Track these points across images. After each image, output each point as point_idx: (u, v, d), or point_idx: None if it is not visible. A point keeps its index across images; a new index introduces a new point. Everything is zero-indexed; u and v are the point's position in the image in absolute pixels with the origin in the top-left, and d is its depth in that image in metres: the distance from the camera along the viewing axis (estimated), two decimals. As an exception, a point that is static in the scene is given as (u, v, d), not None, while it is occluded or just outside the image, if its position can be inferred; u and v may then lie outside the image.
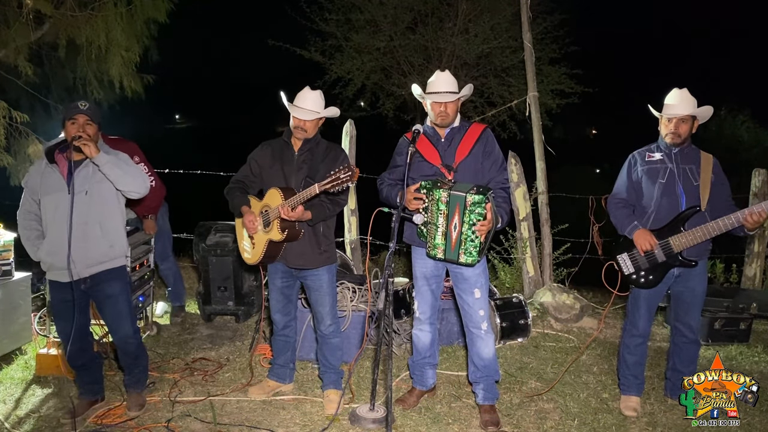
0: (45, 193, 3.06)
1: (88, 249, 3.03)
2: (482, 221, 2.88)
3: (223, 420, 3.25)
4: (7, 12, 5.60)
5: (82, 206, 3.01)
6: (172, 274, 4.93)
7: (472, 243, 2.92)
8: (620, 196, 3.42)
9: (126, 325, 3.23)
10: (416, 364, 3.48)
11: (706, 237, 3.14)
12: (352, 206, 5.54)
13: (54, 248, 3.04)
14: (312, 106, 3.23)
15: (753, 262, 5.82)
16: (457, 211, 2.92)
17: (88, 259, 3.05)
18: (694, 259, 3.21)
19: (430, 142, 3.21)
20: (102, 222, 3.09)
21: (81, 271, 3.05)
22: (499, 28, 9.54)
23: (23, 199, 3.15)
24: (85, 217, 3.01)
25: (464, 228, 2.91)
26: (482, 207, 2.87)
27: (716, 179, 3.24)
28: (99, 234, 3.07)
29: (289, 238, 3.19)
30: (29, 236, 3.14)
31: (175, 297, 5.01)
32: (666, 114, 3.24)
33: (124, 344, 3.27)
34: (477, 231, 2.89)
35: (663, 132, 3.28)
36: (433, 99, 3.14)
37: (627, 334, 3.47)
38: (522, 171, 5.61)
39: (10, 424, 3.19)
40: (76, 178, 3.02)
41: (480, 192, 2.87)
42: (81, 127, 2.98)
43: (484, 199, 2.86)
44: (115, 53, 6.16)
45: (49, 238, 3.07)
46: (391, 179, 3.33)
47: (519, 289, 5.73)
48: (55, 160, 3.09)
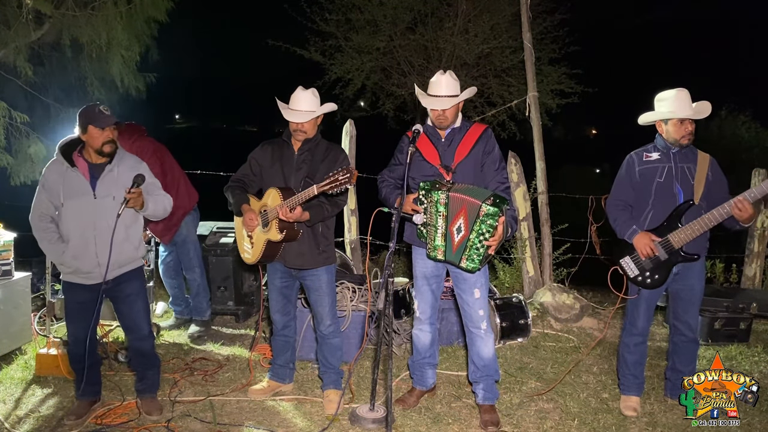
0: (68, 197, 3.02)
1: (114, 252, 3.03)
2: (492, 236, 2.85)
3: (223, 420, 3.25)
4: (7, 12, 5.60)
5: (109, 210, 3.02)
6: (196, 286, 4.64)
7: (477, 252, 2.90)
8: (619, 198, 3.42)
9: (143, 324, 3.26)
10: (416, 364, 3.48)
11: (703, 229, 3.15)
12: (352, 206, 5.54)
13: (79, 252, 3.04)
14: (307, 106, 3.22)
15: (753, 262, 5.81)
16: (464, 215, 2.90)
17: (114, 262, 3.06)
18: (695, 254, 3.21)
19: (431, 141, 3.20)
20: (128, 225, 3.13)
21: (107, 274, 3.06)
22: (499, 28, 9.54)
23: (37, 201, 3.07)
24: (112, 221, 3.00)
25: (472, 235, 2.88)
26: (495, 219, 2.82)
27: (714, 177, 3.25)
28: (124, 237, 3.10)
29: (288, 239, 3.19)
30: (50, 239, 3.08)
31: (195, 310, 4.68)
32: (681, 115, 3.20)
33: (140, 344, 3.28)
34: (486, 243, 2.87)
35: (675, 134, 3.22)
36: (430, 105, 3.12)
37: (626, 333, 3.48)
38: (522, 171, 5.61)
39: (10, 424, 3.19)
40: (100, 183, 3.04)
41: (496, 204, 2.81)
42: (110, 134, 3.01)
43: (498, 212, 2.81)
44: (115, 53, 6.16)
45: (73, 241, 3.04)
46: (392, 177, 3.33)
47: (519, 289, 5.73)
48: (75, 162, 3.06)
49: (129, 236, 3.14)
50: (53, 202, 3.05)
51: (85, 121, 2.98)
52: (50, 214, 3.07)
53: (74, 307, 3.15)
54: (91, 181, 3.04)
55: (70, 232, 3.04)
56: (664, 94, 3.29)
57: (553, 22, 9.56)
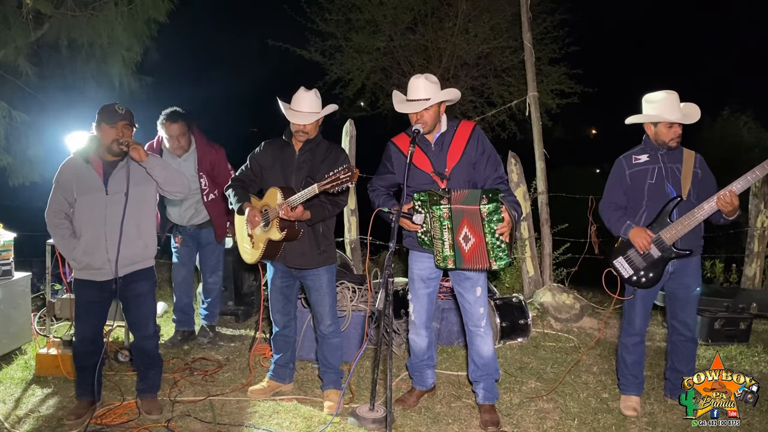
0: (81, 193, 3.08)
1: (124, 249, 3.08)
2: (502, 224, 2.86)
3: (223, 420, 3.25)
4: (7, 12, 5.60)
5: (120, 207, 3.06)
6: (217, 289, 4.57)
7: (500, 248, 2.90)
8: (611, 201, 3.43)
9: (150, 324, 3.28)
10: (415, 365, 3.48)
11: (693, 223, 3.17)
12: (352, 206, 5.54)
13: (90, 248, 3.08)
14: (309, 107, 3.22)
15: (753, 262, 5.81)
16: (467, 223, 2.89)
17: (124, 259, 3.10)
18: (688, 249, 3.22)
19: (420, 148, 3.15)
20: (139, 223, 3.15)
21: (117, 271, 3.09)
22: (499, 28, 9.53)
23: (53, 197, 3.13)
24: (123, 218, 3.05)
25: (487, 238, 2.88)
26: (498, 213, 2.84)
27: (702, 174, 3.28)
28: (135, 234, 3.13)
29: (288, 238, 3.19)
30: (63, 234, 3.13)
31: (210, 316, 4.58)
32: (671, 119, 3.21)
33: (145, 343, 3.29)
34: (501, 236, 2.88)
35: (664, 137, 3.25)
36: (401, 110, 3.09)
37: (624, 333, 3.48)
38: (522, 171, 5.61)
39: (10, 424, 3.19)
40: (112, 179, 3.09)
41: (491, 200, 2.83)
42: (121, 131, 3.04)
43: (497, 206, 2.83)
44: (115, 53, 6.16)
45: (85, 237, 3.09)
46: (383, 186, 3.31)
47: (519, 289, 5.73)
48: (90, 159, 3.12)
49: (140, 233, 3.16)
50: (67, 199, 3.11)
51: (99, 118, 3.08)
52: (64, 210, 3.14)
53: (84, 305, 3.17)
54: (104, 178, 3.09)
55: (82, 227, 3.10)
56: (653, 96, 3.30)
57: (553, 22, 9.56)
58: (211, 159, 4.26)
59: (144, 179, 3.14)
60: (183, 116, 4.14)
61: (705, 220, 3.21)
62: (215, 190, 4.25)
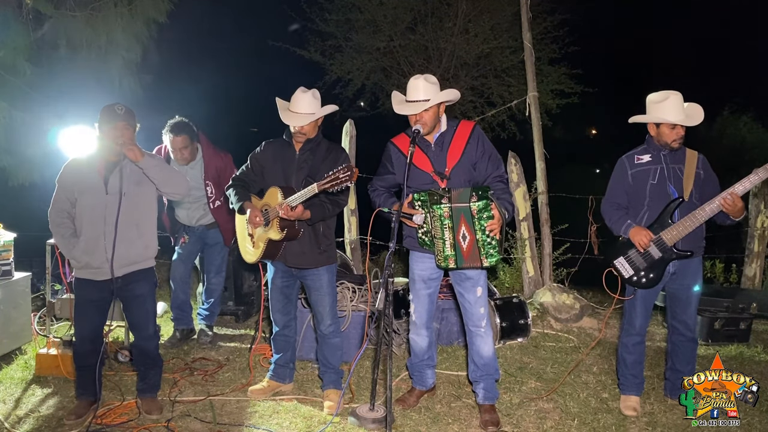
0: (81, 193, 3.10)
1: (124, 249, 3.09)
2: (492, 221, 2.88)
3: (223, 420, 3.25)
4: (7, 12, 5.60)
5: (119, 207, 3.06)
6: (218, 291, 4.55)
7: (491, 245, 2.92)
8: (613, 200, 3.43)
9: (150, 325, 3.29)
10: (415, 365, 3.48)
11: (695, 225, 3.17)
12: (352, 206, 5.54)
13: (90, 247, 3.09)
14: (306, 108, 3.21)
15: (753, 262, 5.82)
16: (464, 221, 2.91)
17: (123, 259, 3.10)
18: (689, 250, 3.22)
19: (420, 148, 3.16)
20: (138, 223, 3.16)
21: (116, 270, 3.09)
22: (499, 28, 9.55)
23: (56, 197, 3.16)
24: (122, 218, 3.06)
25: (478, 236, 2.90)
26: (488, 210, 2.87)
27: (705, 175, 3.28)
28: (135, 235, 3.14)
29: (289, 237, 3.19)
30: (63, 234, 3.15)
31: (210, 317, 4.55)
32: (674, 121, 3.20)
33: (145, 344, 3.29)
34: (491, 233, 2.89)
35: (667, 137, 3.24)
36: (401, 111, 3.10)
37: (624, 333, 3.48)
38: (522, 171, 5.61)
39: (10, 424, 3.19)
40: (112, 179, 3.10)
41: (481, 197, 2.86)
42: (120, 132, 3.03)
43: (487, 203, 2.86)
44: (115, 53, 6.16)
45: (84, 236, 3.10)
46: (383, 186, 3.31)
47: (519, 289, 5.73)
48: (93, 159, 3.13)
49: (140, 233, 3.16)
50: (69, 198, 3.13)
51: (99, 118, 3.09)
52: (67, 209, 3.16)
53: (83, 305, 3.18)
54: (104, 178, 3.10)
55: (83, 226, 3.11)
56: (656, 96, 3.29)
57: (553, 22, 9.57)
58: (217, 166, 4.26)
59: (143, 179, 3.14)
60: (187, 129, 4.11)
61: (709, 220, 3.20)
62: (221, 197, 4.25)
